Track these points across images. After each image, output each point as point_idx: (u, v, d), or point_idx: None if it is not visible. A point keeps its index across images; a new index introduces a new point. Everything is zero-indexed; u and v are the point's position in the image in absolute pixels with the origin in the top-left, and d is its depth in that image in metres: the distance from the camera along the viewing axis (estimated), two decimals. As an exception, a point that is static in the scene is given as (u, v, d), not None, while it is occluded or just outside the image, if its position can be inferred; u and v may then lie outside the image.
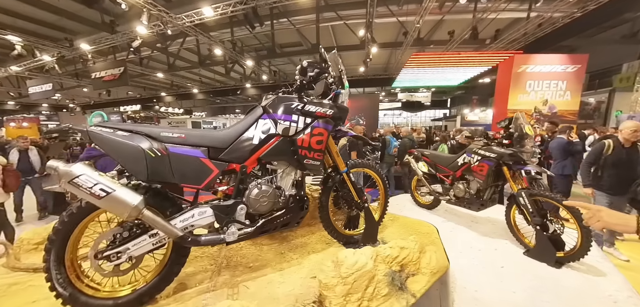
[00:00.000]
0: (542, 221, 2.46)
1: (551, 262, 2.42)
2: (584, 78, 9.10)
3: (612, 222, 0.96)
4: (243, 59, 15.05)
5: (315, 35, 13.06)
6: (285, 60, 18.53)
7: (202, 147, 1.57)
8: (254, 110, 1.79)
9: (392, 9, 11.03)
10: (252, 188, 1.67)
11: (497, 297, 2.06)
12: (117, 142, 1.39)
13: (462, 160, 3.15)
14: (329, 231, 2.17)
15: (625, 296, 2.10)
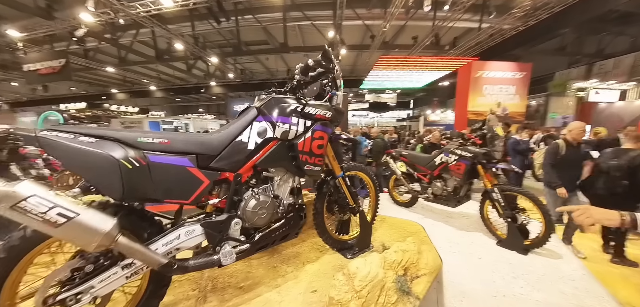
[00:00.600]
0: (512, 214, 2.72)
1: (520, 250, 2.70)
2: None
3: (601, 218, 1.09)
4: (206, 55, 14.25)
5: (283, 34, 13.01)
6: (252, 59, 18.02)
7: (190, 154, 1.35)
8: (247, 111, 1.62)
9: (358, 12, 11.34)
10: (248, 199, 1.50)
11: (480, 288, 2.23)
12: (81, 151, 1.10)
13: (440, 159, 3.36)
14: (324, 238, 2.07)
15: (580, 275, 2.43)
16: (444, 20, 10.48)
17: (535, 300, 2.09)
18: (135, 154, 1.20)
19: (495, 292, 2.17)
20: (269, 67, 19.71)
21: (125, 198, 1.20)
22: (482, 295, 2.15)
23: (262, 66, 19.63)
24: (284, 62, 18.96)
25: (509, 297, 2.12)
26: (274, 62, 18.49)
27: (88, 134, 1.17)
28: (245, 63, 18.82)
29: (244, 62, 18.61)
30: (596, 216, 1.09)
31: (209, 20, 12.05)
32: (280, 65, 19.44)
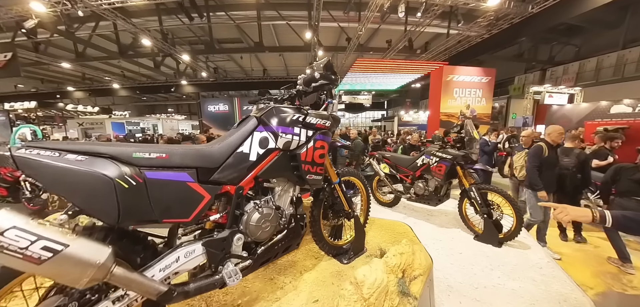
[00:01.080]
0: (488, 210, 2.97)
1: (495, 243, 2.96)
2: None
3: (576, 215, 1.26)
4: (176, 52, 13.55)
5: (258, 33, 12.82)
6: (225, 57, 17.50)
7: (189, 168, 1.27)
8: (247, 121, 1.58)
9: (333, 14, 11.51)
10: (250, 212, 1.46)
11: (464, 280, 2.42)
12: (68, 171, 0.97)
13: (421, 161, 3.56)
14: (321, 245, 2.09)
15: (546, 263, 2.72)
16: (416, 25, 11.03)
17: (511, 288, 2.31)
18: (131, 171, 1.09)
19: (477, 284, 2.37)
20: (243, 66, 19.26)
21: (121, 222, 1.07)
22: (465, 287, 2.33)
23: (236, 65, 19.15)
24: (259, 61, 18.68)
25: (489, 288, 2.32)
26: (249, 61, 18.13)
27: (76, 151, 1.04)
28: (218, 61, 18.22)
29: (217, 60, 18.01)
30: (572, 214, 1.26)
31: (177, 16, 11.52)
32: (256, 65, 19.10)
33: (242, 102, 19.43)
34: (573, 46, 14.01)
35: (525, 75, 14.87)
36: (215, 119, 18.80)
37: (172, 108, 30.52)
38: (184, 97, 26.65)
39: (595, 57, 12.30)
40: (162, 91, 19.57)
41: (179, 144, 5.18)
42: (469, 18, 10.44)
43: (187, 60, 14.16)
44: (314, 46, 12.59)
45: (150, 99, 28.94)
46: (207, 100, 20.09)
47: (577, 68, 12.72)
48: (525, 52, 15.03)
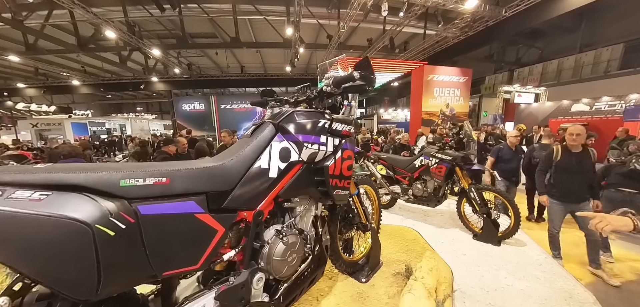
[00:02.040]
0: (487, 210, 3.02)
1: (494, 242, 3.01)
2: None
3: (618, 225, 1.25)
4: (145, 46, 12.59)
5: (234, 28, 12.31)
6: (199, 53, 16.64)
7: (197, 194, 0.99)
8: (262, 128, 1.31)
9: (312, 10, 11.35)
10: (273, 244, 1.23)
11: (474, 284, 2.40)
12: (17, 222, 0.64)
13: (420, 162, 3.55)
14: (338, 265, 1.92)
15: (544, 258, 2.82)
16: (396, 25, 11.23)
17: (520, 289, 2.34)
18: (117, 207, 0.78)
19: (487, 287, 2.37)
20: (218, 62, 18.45)
21: (101, 293, 0.75)
22: (477, 291, 2.31)
23: (211, 61, 18.30)
24: (236, 58, 17.99)
25: (499, 290, 2.33)
26: (224, 57, 17.39)
27: (29, 184, 0.70)
28: (191, 57, 17.25)
29: (190, 56, 17.05)
30: (614, 224, 1.24)
31: (145, 7, 10.71)
32: (232, 61, 18.36)
33: (220, 100, 18.57)
34: (537, 49, 15.11)
35: (495, 75, 15.81)
36: (191, 118, 17.80)
37: (141, 107, 28.46)
38: (154, 94, 24.93)
39: (556, 59, 13.34)
40: (130, 88, 18.07)
41: (156, 148, 4.71)
42: (447, 20, 10.83)
43: (157, 55, 13.21)
44: (295, 43, 12.34)
45: (116, 97, 26.71)
46: (181, 99, 18.99)
47: (541, 69, 13.73)
48: (495, 53, 15.97)
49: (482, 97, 15.32)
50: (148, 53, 13.22)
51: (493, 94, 13.93)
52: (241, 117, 18.35)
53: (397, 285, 1.85)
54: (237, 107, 18.62)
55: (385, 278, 1.97)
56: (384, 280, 1.93)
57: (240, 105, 18.70)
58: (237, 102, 18.81)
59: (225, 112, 18.28)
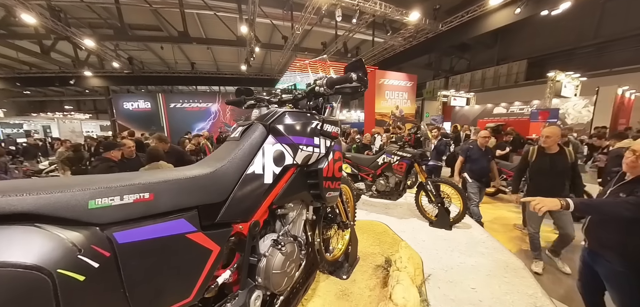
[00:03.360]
0: (441, 200, 3.37)
1: (447, 227, 3.38)
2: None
3: (551, 205, 1.53)
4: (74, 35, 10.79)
5: (181, 22, 11.40)
6: (141, 46, 14.91)
7: (187, 210, 0.83)
8: (252, 130, 1.18)
9: (265, 10, 11.17)
10: (271, 256, 1.13)
11: (435, 265, 2.66)
12: None
13: (382, 160, 3.78)
14: (320, 266, 1.88)
15: (486, 237, 3.25)
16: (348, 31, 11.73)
17: (471, 265, 2.67)
18: (87, 239, 0.59)
19: (446, 267, 2.64)
20: (164, 57, 16.80)
21: None
22: (438, 272, 2.57)
23: (155, 56, 16.55)
24: (184, 54, 16.62)
25: (455, 268, 2.62)
26: (171, 52, 15.91)
27: None
28: (132, 50, 15.36)
29: (130, 49, 15.15)
30: (548, 204, 1.51)
31: None
32: (180, 57, 16.91)
33: (169, 99, 16.85)
34: (466, 59, 17.36)
35: (433, 81, 17.67)
36: (134, 118, 15.71)
37: (70, 105, 24.02)
38: (86, 91, 21.44)
39: (480, 70, 15.51)
40: (56, 84, 15.20)
41: (93, 153, 4.04)
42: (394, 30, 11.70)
43: (90, 46, 11.43)
44: (251, 42, 11.92)
45: (36, 94, 22.06)
46: (122, 96, 16.66)
47: (470, 77, 15.82)
48: (433, 62, 17.84)
49: (424, 100, 16.98)
50: (78, 43, 11.34)
51: (433, 97, 15.55)
52: (193, 117, 16.98)
53: (377, 277, 1.95)
54: (188, 106, 17.16)
55: (364, 272, 2.04)
56: (363, 274, 2.00)
57: (192, 104, 17.28)
58: (188, 100, 17.33)
59: (175, 111, 16.67)
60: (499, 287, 2.31)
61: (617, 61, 11.51)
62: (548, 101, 9.23)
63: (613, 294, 1.54)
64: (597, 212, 1.55)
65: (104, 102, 19.04)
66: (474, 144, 3.91)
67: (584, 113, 9.54)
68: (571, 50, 12.93)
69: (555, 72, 9.08)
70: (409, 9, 9.62)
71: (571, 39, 12.74)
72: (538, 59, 13.68)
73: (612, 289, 1.54)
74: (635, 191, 1.40)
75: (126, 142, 4.21)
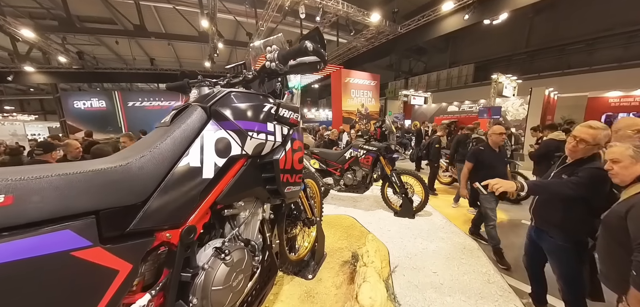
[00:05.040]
0: (405, 190, 3.41)
1: (411, 216, 3.44)
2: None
3: (507, 186, 1.56)
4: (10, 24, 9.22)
5: (137, 15, 10.36)
6: (93, 40, 13.24)
7: (77, 217, 0.62)
8: (188, 113, 0.94)
9: (228, 6, 10.62)
10: (211, 268, 0.91)
11: (400, 253, 2.68)
12: None
13: (349, 154, 3.73)
14: (284, 268, 1.72)
15: (445, 222, 3.38)
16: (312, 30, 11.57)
17: (432, 250, 2.73)
18: None
19: (410, 254, 2.67)
20: (120, 53, 15.15)
21: None
22: (403, 260, 2.58)
23: (110, 51, 14.83)
24: (143, 49, 15.13)
25: (418, 255, 2.66)
26: (128, 47, 14.34)
27: None
28: (83, 45, 13.54)
29: (80, 43, 13.36)
30: (504, 186, 1.54)
31: None
32: (138, 53, 15.34)
33: (126, 97, 15.21)
34: (422, 62, 18.30)
35: (395, 81, 18.37)
36: (87, 118, 13.86)
37: (10, 105, 20.50)
38: (31, 89, 18.51)
39: (435, 72, 16.47)
40: None
41: (35, 157, 3.42)
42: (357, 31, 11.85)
43: (30, 37, 9.86)
44: (213, 37, 11.19)
45: None
46: (72, 95, 14.59)
47: (426, 79, 16.71)
48: (394, 64, 18.52)
49: (386, 99, 17.54)
50: (15, 34, 9.70)
51: (395, 97, 16.12)
52: (154, 116, 15.47)
53: (344, 273, 1.86)
54: (148, 105, 15.63)
55: (331, 268, 1.94)
56: (329, 271, 1.89)
57: (153, 102, 15.79)
58: (148, 98, 15.79)
59: (134, 111, 15.07)
60: (458, 268, 2.38)
61: (544, 67, 13.09)
62: (492, 100, 10.05)
63: (554, 265, 1.64)
64: (546, 191, 1.62)
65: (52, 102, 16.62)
66: (485, 145, 2.83)
67: (520, 111, 10.59)
68: (509, 56, 14.34)
69: (497, 75, 9.90)
70: (370, 10, 9.79)
71: (508, 46, 14.13)
72: (483, 63, 14.93)
73: (553, 261, 1.64)
74: (576, 172, 1.49)
75: (70, 142, 3.63)
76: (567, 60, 12.57)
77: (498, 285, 2.12)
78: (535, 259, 1.81)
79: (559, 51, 12.73)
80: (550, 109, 9.74)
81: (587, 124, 1.51)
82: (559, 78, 12.15)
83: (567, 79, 11.94)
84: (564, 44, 12.44)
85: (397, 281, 2.20)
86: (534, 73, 13.34)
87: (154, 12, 11.40)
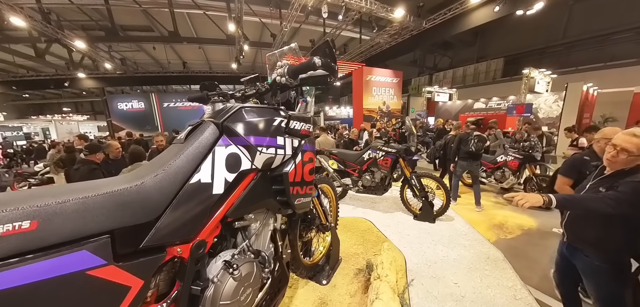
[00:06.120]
0: (426, 193, 3.25)
1: (431, 220, 3.27)
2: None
3: (533, 201, 1.40)
4: (66, 37, 10.23)
5: (171, 21, 10.93)
6: (133, 47, 14.27)
7: (93, 238, 0.64)
8: (201, 130, 0.96)
9: (254, 8, 10.80)
10: (221, 281, 0.91)
11: (419, 260, 2.55)
12: None
13: (368, 156, 3.63)
14: (298, 272, 1.69)
15: (467, 229, 3.17)
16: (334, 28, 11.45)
17: (453, 259, 2.57)
18: None
19: (429, 262, 2.54)
20: (157, 58, 16.15)
21: None
22: (421, 267, 2.46)
23: (148, 57, 15.89)
24: (177, 53, 16.01)
25: (438, 263, 2.52)
26: (164, 52, 15.28)
27: None
28: (125, 51, 14.71)
29: (123, 50, 14.51)
30: (531, 201, 1.38)
31: None
32: (173, 57, 16.27)
33: (162, 98, 16.28)
34: (448, 57, 17.32)
35: (418, 78, 17.58)
36: (129, 118, 15.16)
37: (68, 107, 22.94)
38: (83, 93, 20.46)
39: (461, 67, 15.50)
40: (52, 86, 14.47)
41: (84, 157, 3.69)
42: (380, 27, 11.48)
43: (82, 48, 10.86)
44: (239, 40, 11.51)
45: (35, 97, 21.02)
46: (116, 97, 16.01)
47: (452, 74, 15.79)
48: (418, 59, 17.72)
49: (409, 96, 16.89)
50: (70, 45, 10.75)
51: (418, 93, 15.48)
52: (187, 116, 16.42)
53: (358, 281, 1.79)
54: (181, 105, 16.60)
55: (346, 275, 1.88)
56: (344, 277, 1.84)
57: (186, 103, 16.74)
58: (181, 99, 16.77)
59: (168, 111, 16.12)
60: (481, 280, 2.22)
61: (582, 60, 11.73)
62: (523, 97, 9.24)
63: (590, 287, 1.45)
64: (579, 207, 1.43)
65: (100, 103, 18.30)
66: (589, 152, 1.93)
67: (554, 108, 9.62)
68: (542, 49, 13.06)
69: (529, 69, 9.06)
70: (394, 6, 9.41)
71: (543, 38, 12.85)
72: (513, 57, 13.77)
73: (589, 283, 1.45)
74: (615, 185, 1.29)
75: (112, 143, 3.96)
76: (611, 51, 11.13)
77: (525, 302, 1.94)
78: (568, 277, 1.61)
79: (600, 41, 11.30)
80: (588, 106, 8.73)
81: (630, 132, 1.30)
82: (599, 71, 10.80)
83: (610, 72, 10.58)
84: (608, 33, 11.02)
85: (415, 290, 2.09)
86: (570, 66, 12.02)
87: (187, 18, 11.99)
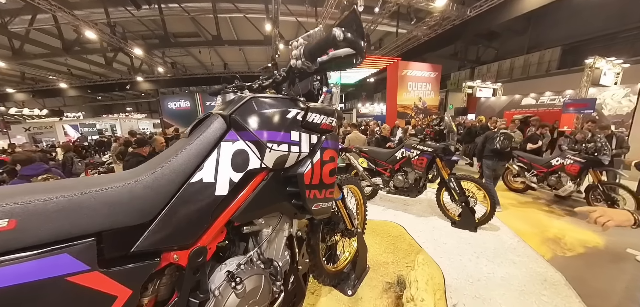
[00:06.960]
0: (466, 198, 2.86)
1: (472, 228, 2.87)
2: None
3: (620, 219, 1.05)
4: (128, 46, 11.55)
5: (215, 26, 11.55)
6: (182, 52, 15.56)
7: (76, 240, 0.57)
8: (207, 124, 0.85)
9: (291, 8, 10.83)
10: (222, 295, 0.81)
11: (458, 275, 2.22)
12: None
13: (401, 154, 3.33)
14: (321, 279, 1.53)
15: (516, 241, 2.72)
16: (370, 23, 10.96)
17: (500, 277, 2.19)
18: None
19: (471, 278, 2.19)
20: (202, 61, 17.42)
21: None
22: (462, 283, 2.13)
23: (195, 60, 17.22)
24: (219, 56, 17.05)
25: (482, 280, 2.16)
26: (208, 55, 16.41)
27: None
28: (175, 56, 16.13)
29: (174, 55, 15.93)
30: (616, 219, 1.04)
31: (126, 8, 9.79)
32: (215, 59, 17.38)
33: (205, 97, 17.64)
34: (493, 49, 15.49)
35: (459, 72, 16.09)
36: (177, 116, 16.84)
37: (130, 107, 26.49)
38: (142, 94, 23.23)
39: (509, 59, 13.74)
40: (117, 89, 16.75)
41: (132, 150, 4.02)
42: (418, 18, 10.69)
43: (139, 55, 12.16)
44: (275, 39, 11.74)
45: (105, 98, 24.86)
46: (167, 97, 17.81)
47: (497, 67, 14.11)
48: (459, 52, 16.20)
49: (448, 91, 15.57)
50: (130, 53, 12.15)
51: (457, 89, 14.18)
52: (226, 113, 17.54)
53: (388, 297, 1.56)
54: (221, 104, 17.84)
55: (374, 288, 1.67)
56: (372, 290, 1.63)
57: (225, 101, 17.96)
58: (222, 99, 18.04)
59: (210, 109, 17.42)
60: (537, 307, 1.83)
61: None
62: (584, 91, 7.75)
63: None
64: None
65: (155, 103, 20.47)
66: None
67: (624, 103, 7.92)
68: (612, 34, 10.80)
69: (594, 58, 7.55)
70: (435, -7, 8.61)
71: (612, 21, 10.64)
72: (574, 45, 11.71)
73: None
74: None
75: (157, 138, 4.26)
76: None
77: (601, 342, 1.53)
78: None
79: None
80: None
81: None
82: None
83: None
84: None
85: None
86: (647, 54, 9.79)
87: (229, 22, 12.64)
